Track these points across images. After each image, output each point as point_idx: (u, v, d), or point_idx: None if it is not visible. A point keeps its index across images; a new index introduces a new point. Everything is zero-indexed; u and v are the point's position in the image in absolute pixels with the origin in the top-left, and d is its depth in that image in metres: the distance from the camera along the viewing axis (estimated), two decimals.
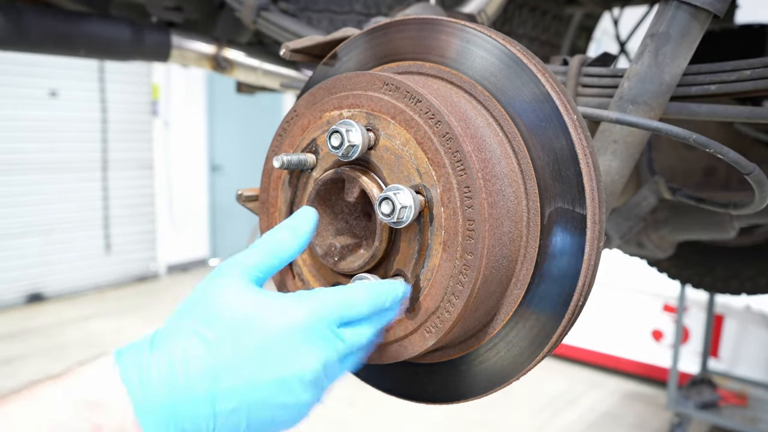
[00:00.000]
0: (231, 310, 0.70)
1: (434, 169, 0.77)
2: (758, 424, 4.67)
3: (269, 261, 0.76)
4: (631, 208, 1.65)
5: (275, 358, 0.69)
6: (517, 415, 5.20)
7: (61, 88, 7.54)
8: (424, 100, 0.79)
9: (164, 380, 0.66)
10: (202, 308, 0.71)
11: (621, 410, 5.45)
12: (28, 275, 7.47)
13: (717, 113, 1.03)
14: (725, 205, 1.33)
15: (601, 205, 0.80)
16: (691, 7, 0.98)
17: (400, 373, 0.94)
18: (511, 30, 1.72)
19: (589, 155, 0.80)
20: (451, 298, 0.78)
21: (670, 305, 5.68)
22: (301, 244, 0.79)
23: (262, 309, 0.71)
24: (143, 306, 7.66)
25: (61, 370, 0.69)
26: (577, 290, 0.80)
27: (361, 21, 1.59)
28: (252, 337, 0.69)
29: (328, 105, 0.87)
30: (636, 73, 1.01)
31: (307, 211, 0.81)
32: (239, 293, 0.72)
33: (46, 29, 1.74)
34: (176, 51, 1.94)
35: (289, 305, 0.72)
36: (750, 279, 2.29)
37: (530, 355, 0.83)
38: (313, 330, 0.71)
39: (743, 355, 5.49)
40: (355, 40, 0.98)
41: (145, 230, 8.78)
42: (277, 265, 0.77)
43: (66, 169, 7.75)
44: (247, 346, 0.69)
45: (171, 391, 0.66)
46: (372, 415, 4.93)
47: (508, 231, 0.81)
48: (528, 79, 0.82)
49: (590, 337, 6.06)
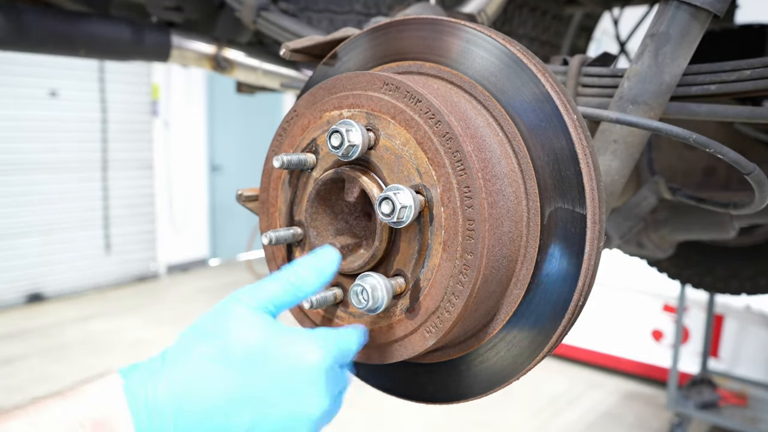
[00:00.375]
0: (245, 343, 0.70)
1: (434, 169, 0.77)
2: (758, 424, 4.67)
3: (286, 297, 0.76)
4: (631, 208, 1.65)
5: (288, 396, 0.70)
6: (517, 415, 5.20)
7: (61, 88, 7.55)
8: (424, 100, 0.79)
9: (172, 409, 0.66)
10: (216, 335, 0.71)
11: (621, 410, 5.45)
12: (28, 275, 7.48)
13: (717, 113, 1.03)
14: (725, 205, 1.33)
15: (601, 205, 0.80)
16: (691, 7, 0.98)
17: (400, 373, 0.94)
18: (511, 30, 1.72)
19: (589, 155, 0.80)
20: (451, 298, 0.78)
21: (670, 305, 5.68)
22: (322, 285, 0.79)
23: (277, 345, 0.71)
24: (143, 306, 7.66)
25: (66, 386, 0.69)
26: (577, 290, 0.80)
27: (361, 21, 1.59)
28: (266, 373, 0.69)
29: (328, 105, 0.87)
30: (636, 73, 1.01)
31: (332, 254, 0.80)
32: (254, 325, 0.71)
33: (46, 29, 1.74)
34: (176, 51, 1.94)
35: (305, 343, 0.72)
36: (750, 279, 2.29)
37: (530, 355, 0.83)
38: (327, 370, 0.72)
39: (743, 355, 5.49)
40: (355, 40, 0.98)
41: (145, 230, 8.78)
42: (293, 302, 0.77)
43: (66, 169, 7.75)
44: (260, 381, 0.69)
45: (178, 421, 0.66)
46: (372, 415, 4.93)
47: (508, 231, 0.81)
48: (528, 79, 0.82)
49: (590, 337, 6.06)
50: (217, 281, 8.90)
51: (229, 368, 0.68)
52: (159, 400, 0.66)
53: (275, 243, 0.88)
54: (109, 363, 5.77)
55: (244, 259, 9.92)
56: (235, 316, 0.72)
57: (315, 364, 0.71)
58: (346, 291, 0.86)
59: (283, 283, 0.76)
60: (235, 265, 9.81)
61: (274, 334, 0.71)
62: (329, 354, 0.72)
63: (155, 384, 0.67)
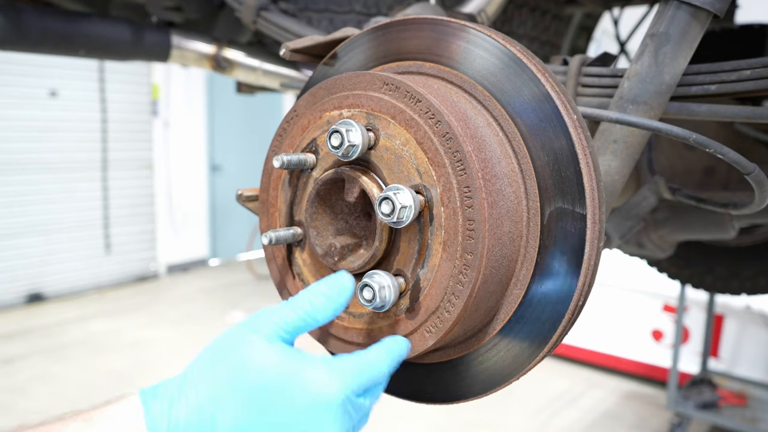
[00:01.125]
0: (260, 373, 0.70)
1: (434, 169, 0.77)
2: (758, 424, 4.67)
3: (301, 324, 0.76)
4: (631, 208, 1.65)
5: (303, 428, 0.70)
6: (517, 415, 5.20)
7: (61, 88, 7.55)
8: (424, 100, 0.78)
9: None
10: (230, 365, 0.71)
11: (621, 410, 5.45)
12: (28, 275, 7.47)
13: (717, 113, 1.03)
14: (725, 205, 1.33)
15: (601, 205, 0.80)
16: (691, 7, 0.98)
17: (399, 372, 0.94)
18: (511, 30, 1.72)
19: (589, 155, 0.80)
20: (451, 298, 0.78)
21: (670, 305, 5.68)
22: (335, 312, 0.78)
23: (292, 376, 0.71)
24: (143, 306, 7.66)
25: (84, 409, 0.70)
26: (577, 290, 0.80)
27: (361, 21, 1.59)
28: (281, 406, 0.69)
29: (328, 105, 0.87)
30: (636, 73, 1.01)
31: (346, 281, 0.79)
32: (271, 352, 0.72)
33: (46, 29, 1.74)
34: (176, 51, 1.94)
35: (321, 376, 0.71)
36: (750, 279, 2.29)
37: (530, 355, 0.83)
38: (343, 404, 0.71)
39: (743, 355, 5.49)
40: (355, 40, 0.98)
41: (145, 230, 8.78)
42: (306, 328, 0.77)
43: (66, 169, 7.75)
44: (277, 414, 0.69)
45: None
46: (371, 415, 4.93)
47: (508, 231, 0.81)
48: (528, 79, 0.82)
49: (590, 337, 6.05)
50: (217, 281, 8.90)
51: (245, 400, 0.69)
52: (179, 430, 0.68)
53: (275, 243, 0.88)
54: (109, 363, 5.77)
55: (244, 259, 9.92)
56: (249, 343, 0.72)
57: (328, 396, 0.70)
58: None
59: (298, 312, 0.76)
60: (235, 265, 9.81)
61: (290, 365, 0.71)
62: (344, 387, 0.72)
63: (176, 413, 0.69)
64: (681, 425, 4.89)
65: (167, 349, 6.09)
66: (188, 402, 0.69)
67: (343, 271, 0.80)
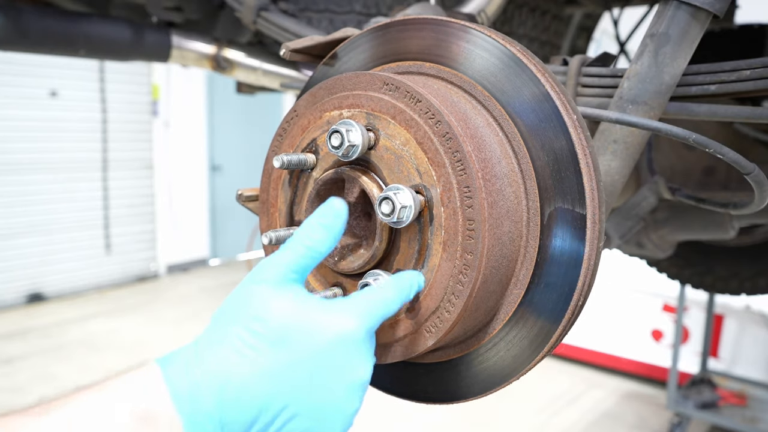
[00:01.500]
0: (277, 317, 0.68)
1: (434, 168, 0.77)
2: (758, 424, 4.67)
3: (305, 261, 0.74)
4: (631, 208, 1.66)
5: (329, 368, 0.68)
6: (517, 415, 5.20)
7: (61, 88, 7.55)
8: (424, 100, 0.79)
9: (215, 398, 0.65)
10: (246, 314, 0.69)
11: (621, 410, 5.45)
12: (28, 275, 7.48)
13: (717, 113, 1.03)
14: (725, 205, 1.33)
15: (601, 205, 0.80)
16: (690, 7, 0.98)
17: (399, 372, 0.94)
18: (511, 30, 1.72)
19: (589, 155, 0.80)
20: (451, 298, 0.78)
21: (670, 305, 5.69)
22: (336, 239, 0.76)
23: (310, 317, 0.69)
24: (143, 306, 7.66)
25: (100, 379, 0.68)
26: (577, 290, 0.80)
27: (361, 21, 1.59)
28: (304, 346, 0.68)
29: (328, 105, 0.87)
30: (636, 73, 1.01)
31: (338, 205, 0.76)
32: (282, 298, 0.70)
33: (46, 29, 1.74)
34: (176, 51, 1.94)
35: (339, 314, 0.70)
36: (750, 279, 2.29)
37: (530, 355, 0.83)
38: (364, 340, 0.71)
39: (743, 355, 5.49)
40: (355, 40, 0.98)
41: (145, 230, 8.78)
42: (312, 264, 0.75)
43: (66, 169, 7.76)
44: (299, 356, 0.67)
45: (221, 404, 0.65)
46: (371, 415, 4.93)
47: (508, 231, 0.81)
48: (528, 79, 0.82)
49: (590, 337, 6.06)
50: (218, 281, 8.90)
51: (268, 346, 0.67)
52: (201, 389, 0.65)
53: (275, 243, 0.88)
54: (109, 363, 5.77)
55: (244, 259, 9.92)
56: (260, 291, 0.70)
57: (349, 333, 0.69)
58: (346, 291, 0.87)
59: (300, 250, 0.74)
60: (235, 265, 9.82)
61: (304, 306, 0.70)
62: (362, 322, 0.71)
63: (195, 373, 0.66)
64: (681, 425, 4.89)
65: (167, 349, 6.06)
66: (208, 363, 0.67)
67: (332, 197, 0.78)
